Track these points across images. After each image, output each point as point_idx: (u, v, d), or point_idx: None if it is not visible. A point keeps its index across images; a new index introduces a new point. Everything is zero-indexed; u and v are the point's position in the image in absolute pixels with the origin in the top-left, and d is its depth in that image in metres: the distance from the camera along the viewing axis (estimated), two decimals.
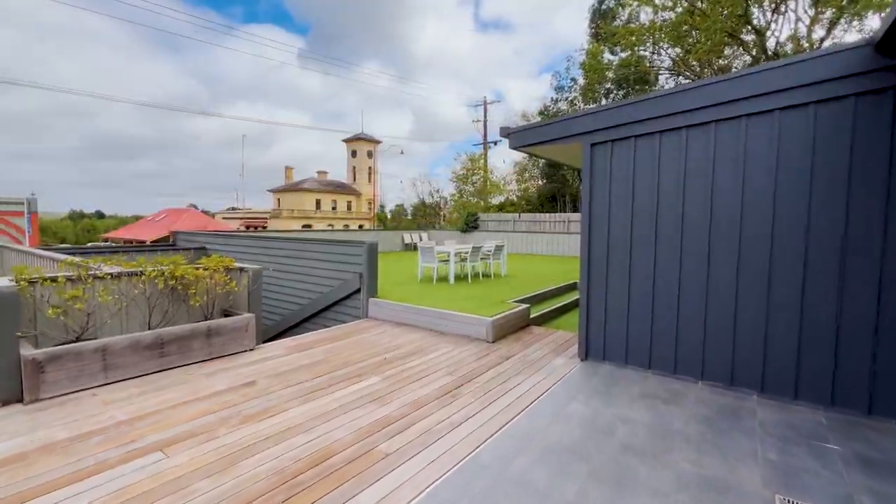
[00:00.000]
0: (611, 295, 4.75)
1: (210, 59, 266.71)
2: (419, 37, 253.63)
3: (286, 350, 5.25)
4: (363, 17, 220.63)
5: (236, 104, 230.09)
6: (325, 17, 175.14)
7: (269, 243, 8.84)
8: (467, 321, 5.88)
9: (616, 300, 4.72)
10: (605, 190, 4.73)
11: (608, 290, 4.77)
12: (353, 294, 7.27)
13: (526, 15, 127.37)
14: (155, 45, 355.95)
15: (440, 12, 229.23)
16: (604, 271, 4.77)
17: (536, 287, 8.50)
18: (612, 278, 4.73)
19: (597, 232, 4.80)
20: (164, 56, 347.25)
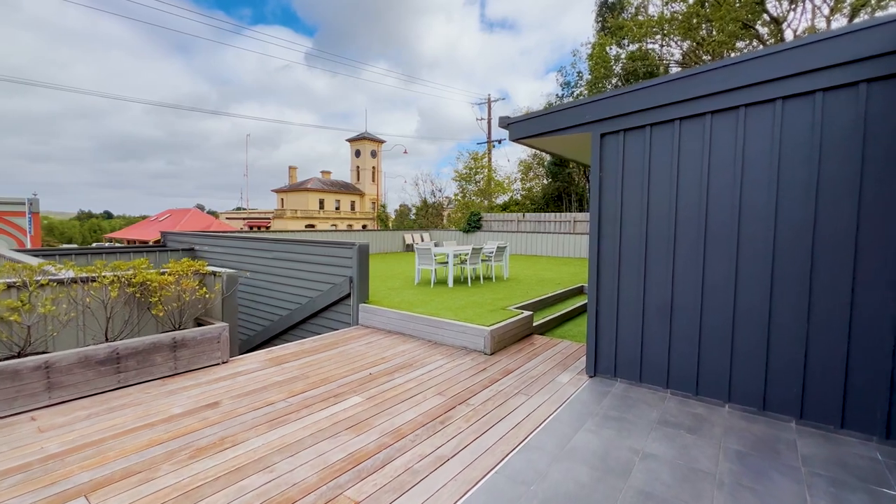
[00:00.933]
0: (623, 303, 4.21)
1: (219, 61, 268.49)
2: (426, 37, 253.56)
3: (262, 363, 4.77)
4: (370, 18, 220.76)
5: (245, 105, 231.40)
6: (332, 18, 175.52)
7: (257, 244, 8.39)
8: (464, 330, 5.37)
9: (629, 309, 4.18)
10: (616, 185, 4.19)
11: (620, 298, 4.23)
12: (343, 300, 6.78)
13: (533, 15, 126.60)
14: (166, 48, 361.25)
15: (447, 12, 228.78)
16: (615, 277, 4.24)
17: (540, 291, 7.97)
18: (624, 285, 4.20)
19: (607, 232, 4.27)
20: (175, 58, 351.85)
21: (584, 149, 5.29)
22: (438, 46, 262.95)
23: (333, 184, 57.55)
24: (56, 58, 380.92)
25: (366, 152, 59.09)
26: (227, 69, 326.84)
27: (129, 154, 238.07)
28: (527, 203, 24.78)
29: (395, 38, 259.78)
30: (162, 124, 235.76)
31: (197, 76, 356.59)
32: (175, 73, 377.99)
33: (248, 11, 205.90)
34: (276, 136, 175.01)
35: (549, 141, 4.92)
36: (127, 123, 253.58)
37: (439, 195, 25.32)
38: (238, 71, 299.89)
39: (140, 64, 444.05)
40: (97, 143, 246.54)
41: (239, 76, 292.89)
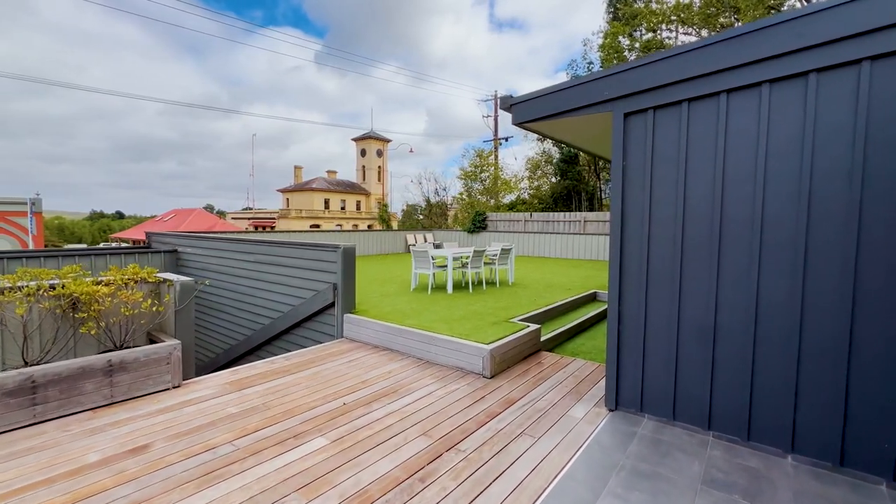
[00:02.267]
0: (652, 322, 3.42)
1: (230, 63, 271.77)
2: (435, 38, 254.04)
3: (221, 388, 4.05)
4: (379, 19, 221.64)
5: (255, 106, 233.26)
6: (342, 19, 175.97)
7: (239, 246, 7.70)
8: (459, 348, 4.60)
9: (659, 330, 3.38)
10: (643, 177, 3.40)
11: (648, 316, 3.44)
12: (327, 309, 6.05)
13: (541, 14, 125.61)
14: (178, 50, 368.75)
15: (456, 13, 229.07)
16: (641, 289, 3.44)
17: (549, 299, 7.17)
18: (653, 299, 3.40)
19: (632, 235, 3.48)
20: (187, 60, 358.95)
21: (601, 134, 4.50)
22: (447, 46, 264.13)
23: (339, 184, 57.07)
24: (72, 60, 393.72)
25: (371, 152, 58.54)
26: (237, 71, 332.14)
27: (142, 155, 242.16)
28: (534, 202, 23.92)
29: (404, 39, 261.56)
30: (175, 125, 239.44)
31: (208, 77, 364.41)
32: (187, 75, 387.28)
33: (259, 13, 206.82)
34: (286, 137, 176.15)
35: (559, 125, 4.14)
36: (141, 124, 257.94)
37: (443, 194, 24.55)
38: (248, 72, 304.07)
39: (153, 65, 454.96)
40: (112, 144, 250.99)
41: (249, 77, 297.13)
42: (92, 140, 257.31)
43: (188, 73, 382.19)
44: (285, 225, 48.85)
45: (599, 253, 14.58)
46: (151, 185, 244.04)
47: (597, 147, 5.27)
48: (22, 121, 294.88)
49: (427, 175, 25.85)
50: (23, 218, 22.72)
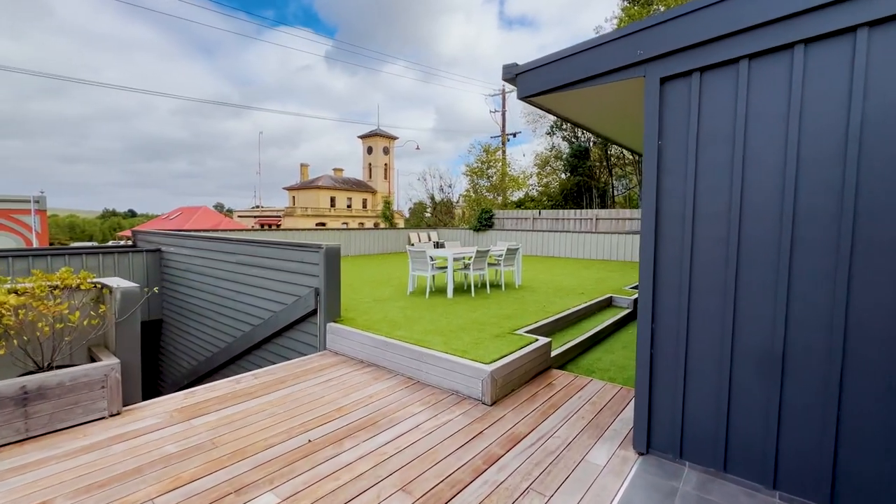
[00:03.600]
0: (696, 345, 2.68)
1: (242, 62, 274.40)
2: (445, 36, 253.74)
3: (168, 416, 3.38)
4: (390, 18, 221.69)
5: (266, 105, 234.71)
6: (352, 18, 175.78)
7: (221, 245, 7.07)
8: (456, 368, 3.89)
9: (705, 355, 2.64)
10: (685, 162, 2.65)
11: (690, 337, 2.69)
12: (308, 317, 5.38)
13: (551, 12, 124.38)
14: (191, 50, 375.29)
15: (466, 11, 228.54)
16: (681, 304, 2.70)
17: (560, 305, 6.42)
18: (697, 316, 2.66)
19: (669, 235, 2.73)
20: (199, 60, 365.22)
21: (625, 111, 3.75)
22: (457, 45, 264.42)
23: (345, 181, 56.61)
24: (87, 62, 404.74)
25: (378, 149, 57.97)
26: (249, 71, 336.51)
27: (155, 155, 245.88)
28: (543, 199, 23.07)
29: (414, 38, 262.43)
30: (186, 125, 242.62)
31: (220, 77, 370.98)
32: (199, 75, 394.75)
33: (270, 13, 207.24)
34: (296, 136, 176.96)
35: (575, 99, 3.40)
36: (153, 125, 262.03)
37: (449, 191, 23.81)
38: (259, 72, 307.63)
39: (166, 66, 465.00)
40: (126, 144, 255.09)
41: (260, 77, 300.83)
42: (106, 140, 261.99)
43: (200, 74, 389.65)
44: (291, 223, 48.50)
45: (612, 253, 13.77)
46: (163, 184, 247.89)
47: (618, 128, 4.51)
48: (39, 121, 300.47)
49: (432, 171, 25.09)
50: (27, 216, 22.53)
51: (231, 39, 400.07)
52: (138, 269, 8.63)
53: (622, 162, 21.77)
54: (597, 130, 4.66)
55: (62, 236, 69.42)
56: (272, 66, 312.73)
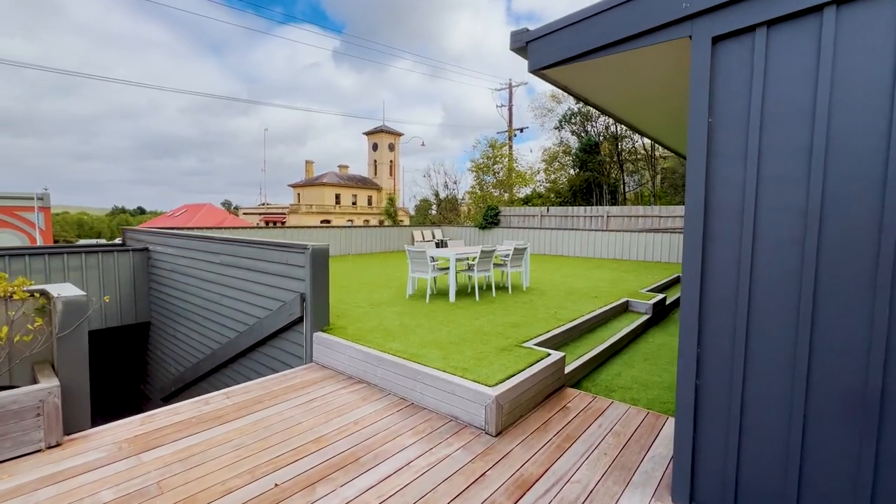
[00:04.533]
0: (756, 378, 2.10)
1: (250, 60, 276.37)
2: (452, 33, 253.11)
3: (115, 448, 2.88)
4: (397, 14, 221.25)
5: (274, 102, 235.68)
6: (359, 15, 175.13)
7: (206, 245, 6.58)
8: (455, 391, 3.35)
9: (769, 390, 2.07)
10: (745, 142, 2.07)
11: (749, 368, 2.12)
12: (294, 325, 4.86)
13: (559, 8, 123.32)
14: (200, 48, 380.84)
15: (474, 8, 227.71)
16: (738, 324, 2.12)
17: (572, 310, 5.85)
18: (758, 339, 2.08)
19: (722, 236, 2.16)
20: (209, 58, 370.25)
21: (661, 87, 3.17)
22: (464, 41, 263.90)
23: (350, 178, 56.22)
24: (98, 61, 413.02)
25: (383, 146, 57.48)
26: (257, 69, 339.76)
27: (164, 152, 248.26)
28: (551, 196, 22.41)
29: (421, 34, 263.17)
30: (195, 123, 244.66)
31: (229, 75, 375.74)
32: (209, 73, 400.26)
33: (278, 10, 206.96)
34: (303, 134, 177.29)
35: (598, 71, 2.82)
36: (163, 123, 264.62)
37: (454, 188, 23.22)
38: (267, 70, 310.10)
39: (176, 64, 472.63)
40: (136, 141, 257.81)
41: (268, 75, 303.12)
42: (116, 138, 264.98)
43: (209, 72, 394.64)
44: (296, 220, 48.22)
45: (624, 252, 13.14)
46: (172, 181, 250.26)
47: (649, 111, 3.92)
48: (51, 120, 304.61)
49: (437, 168, 24.52)
50: (31, 213, 22.34)
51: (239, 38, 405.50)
52: (124, 269, 8.19)
53: (634, 157, 21.04)
54: (622, 116, 4.06)
55: (71, 233, 69.96)
56: (280, 64, 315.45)
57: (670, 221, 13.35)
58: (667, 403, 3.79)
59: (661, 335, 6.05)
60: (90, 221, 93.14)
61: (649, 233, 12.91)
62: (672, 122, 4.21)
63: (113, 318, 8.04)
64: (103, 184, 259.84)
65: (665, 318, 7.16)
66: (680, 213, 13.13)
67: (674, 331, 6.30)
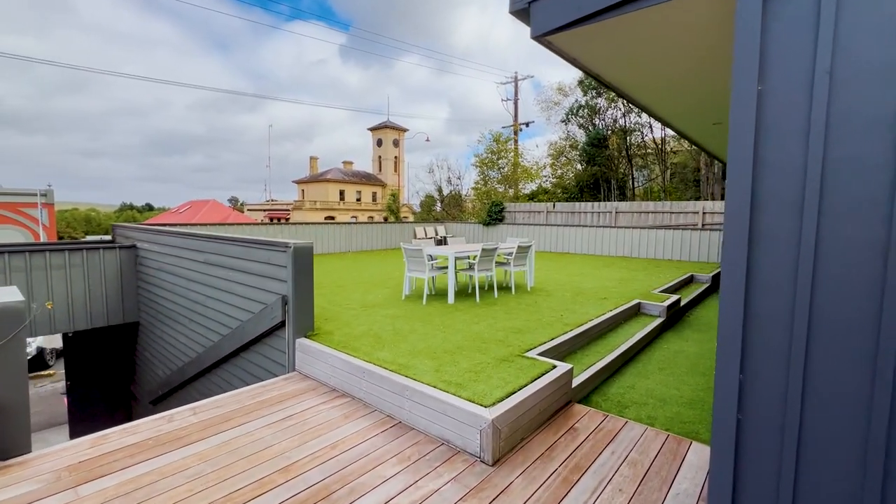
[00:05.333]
0: (816, 408, 1.66)
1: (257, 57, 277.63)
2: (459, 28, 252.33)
3: (53, 479, 2.50)
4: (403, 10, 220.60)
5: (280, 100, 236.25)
6: (366, 12, 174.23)
7: (191, 243, 6.20)
8: (448, 410, 2.93)
9: (838, 434, 1.62)
10: (806, 112, 1.62)
11: (808, 397, 1.68)
12: (276, 330, 4.47)
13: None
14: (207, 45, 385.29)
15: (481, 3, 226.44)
16: (797, 349, 1.68)
17: (580, 313, 5.41)
18: (824, 371, 1.64)
19: (772, 236, 1.71)
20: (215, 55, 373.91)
21: (685, 61, 2.71)
22: (470, 37, 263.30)
23: (354, 174, 55.89)
24: (108, 58, 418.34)
25: (388, 141, 57.04)
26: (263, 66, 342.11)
27: (172, 149, 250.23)
28: (557, 192, 21.86)
29: (428, 31, 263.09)
30: (202, 120, 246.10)
31: (236, 73, 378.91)
32: (215, 70, 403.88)
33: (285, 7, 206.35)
34: (309, 130, 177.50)
35: (614, 36, 2.37)
36: (171, 120, 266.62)
37: (458, 183, 22.75)
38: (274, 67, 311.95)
39: (183, 62, 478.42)
40: (144, 139, 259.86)
41: (275, 72, 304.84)
42: (125, 135, 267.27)
43: (216, 69, 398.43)
44: (300, 216, 48.04)
45: (634, 249, 12.64)
46: (180, 178, 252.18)
47: (666, 94, 3.45)
48: (61, 117, 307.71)
49: (440, 163, 24.05)
50: (35, 209, 22.26)
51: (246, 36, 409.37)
52: (111, 267, 7.86)
53: (643, 151, 20.44)
54: (638, 97, 3.59)
55: (79, 230, 70.47)
56: (287, 61, 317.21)
57: (682, 218, 12.82)
58: (688, 423, 3.36)
59: (677, 341, 5.59)
60: (98, 218, 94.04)
61: (659, 230, 12.39)
62: (700, 104, 3.73)
63: (99, 317, 7.72)
64: (113, 181, 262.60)
65: (679, 320, 6.70)
66: (692, 209, 12.61)
67: (690, 336, 5.84)
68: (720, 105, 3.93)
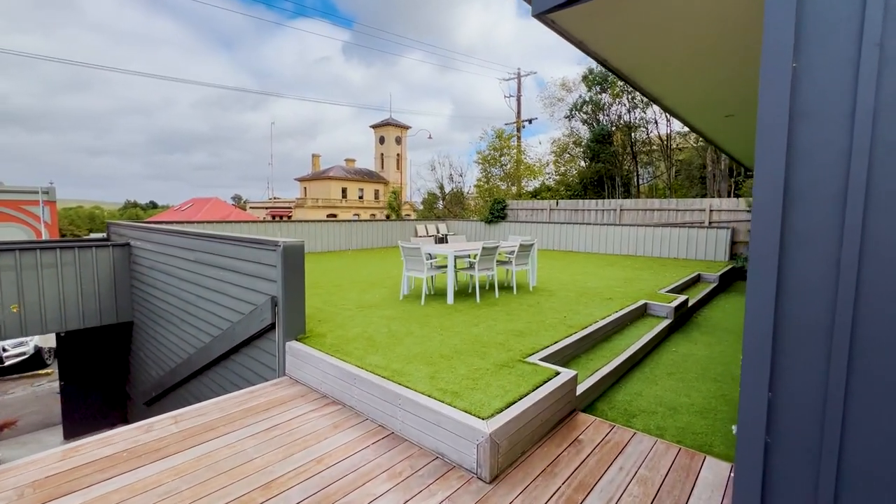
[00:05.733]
0: (858, 435, 1.45)
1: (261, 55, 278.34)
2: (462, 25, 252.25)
3: (11, 497, 2.32)
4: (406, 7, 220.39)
5: (284, 97, 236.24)
6: (369, 9, 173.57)
7: (182, 240, 6.02)
8: (442, 422, 2.73)
9: (878, 458, 1.41)
10: (851, 91, 1.40)
11: (850, 422, 1.46)
12: (266, 332, 4.28)
13: None
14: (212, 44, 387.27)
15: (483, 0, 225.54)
16: (836, 368, 1.46)
17: (584, 315, 5.19)
18: (868, 393, 1.42)
19: (808, 235, 1.49)
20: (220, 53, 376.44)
21: (703, 41, 2.49)
22: (474, 34, 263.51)
23: (356, 172, 55.71)
24: (114, 57, 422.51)
25: (390, 139, 56.80)
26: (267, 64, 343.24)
27: (176, 147, 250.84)
28: (560, 189, 21.59)
29: (431, 29, 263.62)
30: (206, 118, 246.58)
31: (240, 71, 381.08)
32: (220, 69, 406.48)
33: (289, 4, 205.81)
34: (312, 128, 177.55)
35: (624, 13, 2.15)
36: (174, 118, 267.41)
37: (459, 180, 22.51)
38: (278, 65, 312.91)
39: (188, 60, 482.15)
40: (148, 137, 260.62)
41: (279, 70, 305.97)
42: (130, 134, 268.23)
43: (221, 68, 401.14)
44: (302, 214, 47.94)
45: (638, 247, 12.39)
46: (184, 176, 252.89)
47: (678, 80, 3.22)
48: (66, 116, 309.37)
49: (441, 160, 23.79)
50: (35, 207, 22.22)
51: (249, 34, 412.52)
52: (104, 265, 7.69)
53: (648, 148, 20.13)
54: (647, 87, 3.36)
55: (83, 227, 70.77)
56: (290, 59, 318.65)
57: (688, 215, 12.55)
58: (701, 435, 3.14)
59: (685, 343, 5.37)
60: (102, 216, 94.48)
61: (665, 227, 12.13)
62: (712, 93, 3.50)
63: (91, 317, 7.57)
64: (117, 179, 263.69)
65: (687, 322, 6.47)
66: (699, 207, 12.34)
67: (698, 338, 5.61)
68: (733, 95, 3.69)
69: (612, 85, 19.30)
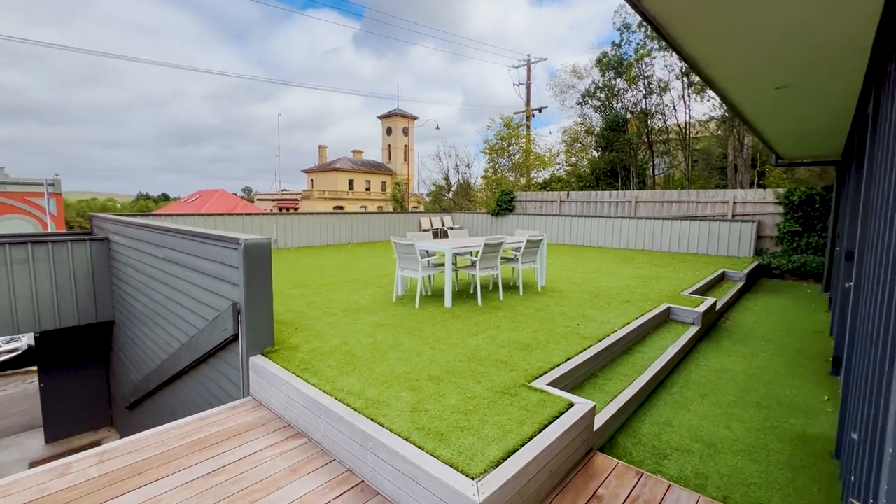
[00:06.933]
0: None
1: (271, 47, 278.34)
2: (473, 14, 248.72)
3: None
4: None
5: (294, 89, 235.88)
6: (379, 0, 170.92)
7: (151, 236, 5.44)
8: (419, 477, 2.10)
9: None
10: None
11: None
12: (229, 344, 3.69)
13: None
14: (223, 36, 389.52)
15: None
16: None
17: (600, 322, 4.51)
18: None
19: None
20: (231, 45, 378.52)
21: None
22: (485, 23, 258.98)
23: (364, 163, 55.07)
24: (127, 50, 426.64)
25: (397, 129, 55.97)
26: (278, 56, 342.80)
27: (187, 140, 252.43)
28: (571, 180, 20.73)
29: (441, 17, 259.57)
30: (217, 110, 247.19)
31: (251, 62, 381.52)
32: (231, 61, 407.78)
33: None
34: (321, 120, 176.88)
35: None
36: (186, 111, 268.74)
37: (466, 171, 21.74)
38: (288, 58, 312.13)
39: (200, 52, 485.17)
40: (160, 130, 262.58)
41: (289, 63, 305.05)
42: (142, 126, 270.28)
43: (232, 60, 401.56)
44: (309, 206, 47.56)
45: (655, 242, 11.61)
46: (196, 168, 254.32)
47: (716, 32, 2.50)
48: (80, 109, 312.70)
49: (447, 150, 23.04)
50: (41, 199, 22.02)
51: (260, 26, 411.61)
52: (81, 261, 7.19)
53: (665, 136, 19.13)
54: (685, 45, 2.63)
55: (76, 219, 71.38)
56: (301, 52, 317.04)
57: (709, 208, 11.71)
58: (753, 486, 2.48)
59: (716, 355, 4.68)
60: (114, 207, 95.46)
61: (684, 220, 11.33)
62: (772, 50, 2.74)
63: (68, 317, 7.08)
64: (130, 171, 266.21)
65: (714, 327, 5.76)
66: (721, 199, 11.49)
67: (731, 348, 4.91)
68: (790, 58, 2.95)
69: (629, 69, 18.30)
